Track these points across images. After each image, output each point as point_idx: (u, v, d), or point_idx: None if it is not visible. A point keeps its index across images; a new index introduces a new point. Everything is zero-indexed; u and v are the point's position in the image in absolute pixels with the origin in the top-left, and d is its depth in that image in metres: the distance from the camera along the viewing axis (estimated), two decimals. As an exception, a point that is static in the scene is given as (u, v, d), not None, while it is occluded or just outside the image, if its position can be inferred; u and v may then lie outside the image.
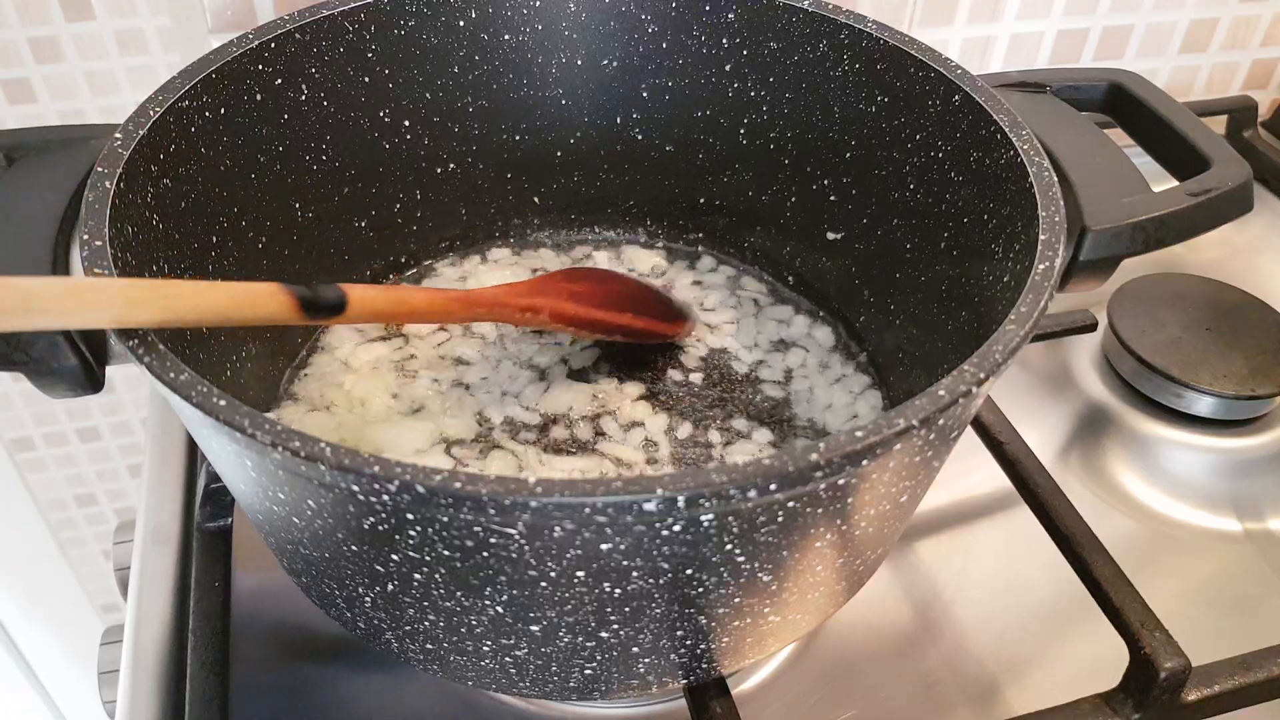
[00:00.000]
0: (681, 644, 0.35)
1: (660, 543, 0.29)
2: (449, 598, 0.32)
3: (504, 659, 0.35)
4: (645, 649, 0.34)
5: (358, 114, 0.50)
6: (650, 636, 0.34)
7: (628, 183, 0.57)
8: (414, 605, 0.33)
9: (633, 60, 0.53)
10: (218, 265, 0.44)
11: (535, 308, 0.46)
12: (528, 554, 0.29)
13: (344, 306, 0.37)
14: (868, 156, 0.49)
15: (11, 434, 0.81)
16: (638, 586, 0.31)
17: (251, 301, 0.34)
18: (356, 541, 0.31)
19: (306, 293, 0.35)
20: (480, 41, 0.52)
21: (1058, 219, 0.36)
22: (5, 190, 0.38)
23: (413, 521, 0.28)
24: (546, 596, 0.31)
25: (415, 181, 0.54)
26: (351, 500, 0.28)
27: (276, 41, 0.45)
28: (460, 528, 0.28)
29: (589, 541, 0.28)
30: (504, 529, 0.28)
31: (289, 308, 0.35)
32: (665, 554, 0.29)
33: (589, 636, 0.33)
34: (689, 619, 0.33)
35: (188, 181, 0.41)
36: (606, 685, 0.36)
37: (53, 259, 0.35)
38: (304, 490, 0.29)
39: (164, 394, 0.30)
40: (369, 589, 0.33)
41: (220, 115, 0.43)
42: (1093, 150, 0.42)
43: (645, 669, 0.36)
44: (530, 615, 0.32)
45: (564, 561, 0.29)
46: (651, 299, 0.52)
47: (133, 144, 0.37)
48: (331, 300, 0.36)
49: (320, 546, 0.33)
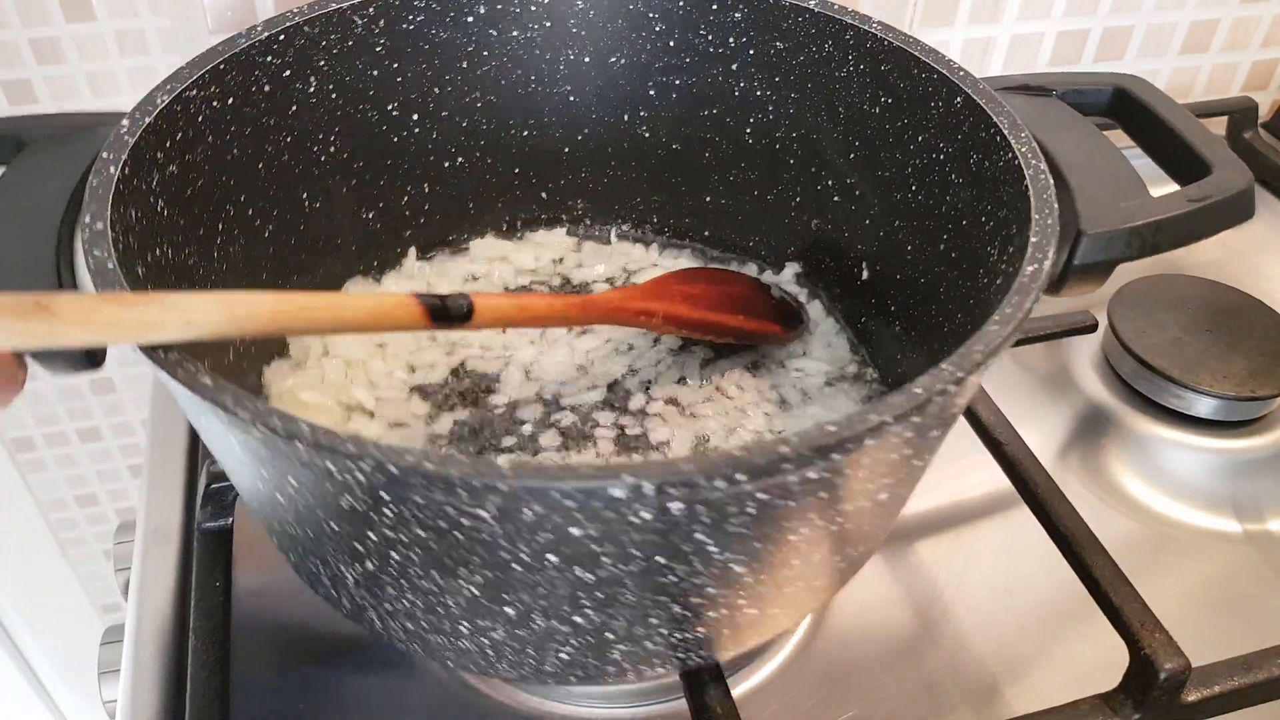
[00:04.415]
0: (656, 632, 0.35)
1: (630, 530, 0.29)
2: (426, 577, 0.32)
3: (481, 640, 0.35)
4: (620, 635, 0.34)
5: (366, 107, 0.50)
6: (624, 623, 0.34)
7: (634, 180, 0.58)
8: (393, 584, 0.34)
9: (640, 58, 0.54)
10: (223, 252, 0.44)
11: (650, 311, 0.47)
12: (500, 536, 0.29)
13: (471, 314, 0.38)
14: (871, 158, 0.49)
15: (12, 434, 0.82)
16: (609, 573, 0.31)
17: (386, 313, 0.36)
18: (336, 520, 0.31)
19: (436, 302, 0.37)
20: (489, 37, 0.52)
21: (1050, 222, 0.36)
22: (14, 176, 0.39)
23: (388, 501, 0.29)
24: (520, 579, 0.31)
25: (423, 175, 0.54)
26: (329, 479, 0.29)
27: (285, 34, 0.46)
28: (434, 508, 0.29)
29: (559, 526, 0.29)
30: (476, 511, 0.28)
31: (419, 316, 0.37)
32: (636, 541, 0.30)
33: (563, 621, 0.33)
34: (663, 607, 0.33)
35: (194, 169, 0.42)
36: (583, 670, 0.37)
37: (56, 243, 0.36)
38: (284, 467, 0.30)
39: (155, 373, 0.30)
40: (350, 567, 0.34)
41: (228, 105, 0.44)
42: (1094, 154, 0.42)
43: (621, 656, 0.36)
44: (504, 597, 0.32)
45: (535, 545, 0.29)
46: (764, 300, 0.52)
47: (139, 131, 0.38)
48: (459, 309, 0.38)
49: (304, 524, 0.33)
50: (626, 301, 0.46)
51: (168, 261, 0.39)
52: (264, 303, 0.32)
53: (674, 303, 0.47)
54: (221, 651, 0.46)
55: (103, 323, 0.28)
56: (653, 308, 0.46)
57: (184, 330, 0.30)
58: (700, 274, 0.51)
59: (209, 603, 0.48)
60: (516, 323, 0.41)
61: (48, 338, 0.27)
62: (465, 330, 0.39)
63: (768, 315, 0.51)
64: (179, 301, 0.30)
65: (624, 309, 0.45)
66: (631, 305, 0.46)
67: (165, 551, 0.51)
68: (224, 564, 0.49)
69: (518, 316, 0.41)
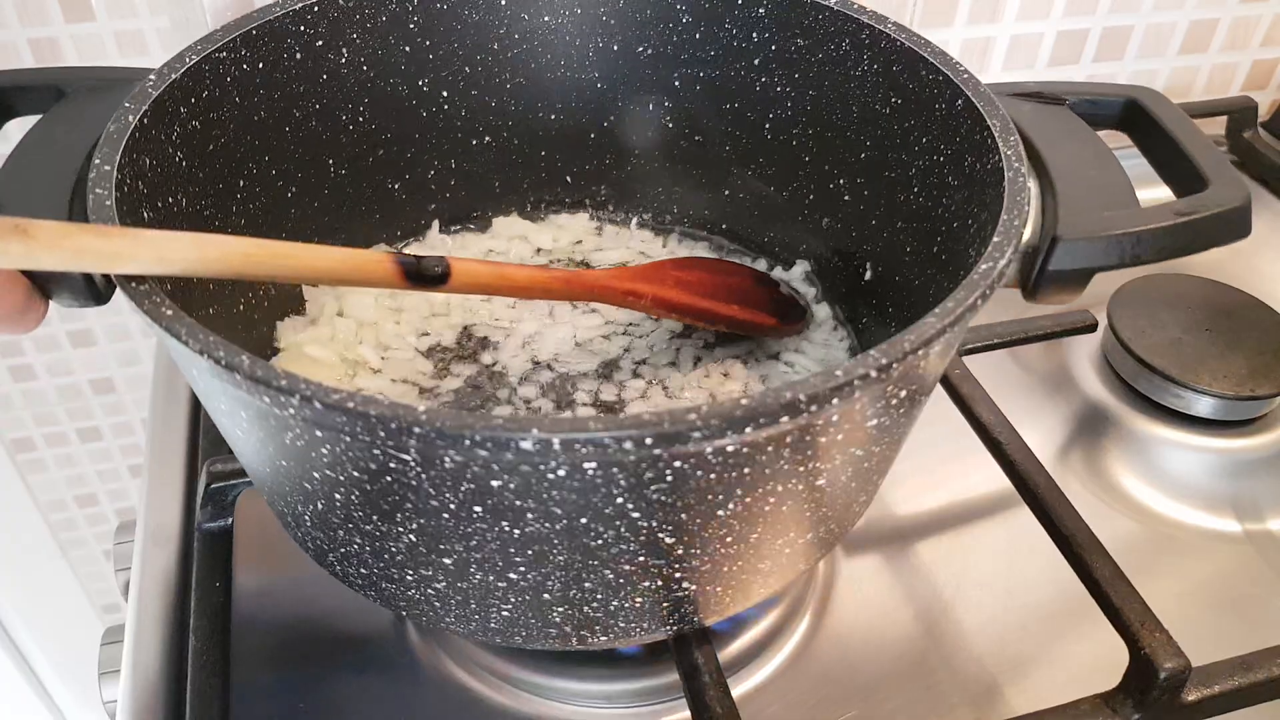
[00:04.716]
0: (592, 597, 0.36)
1: (548, 486, 0.30)
2: (367, 521, 0.34)
3: (426, 590, 0.37)
4: (556, 597, 0.36)
5: (397, 81, 0.53)
6: (559, 585, 0.35)
7: (656, 170, 0.59)
8: (341, 526, 0.35)
9: (667, 49, 0.55)
10: (242, 208, 0.47)
11: (638, 292, 0.47)
12: (425, 483, 0.31)
13: (447, 277, 0.40)
14: (880, 159, 0.49)
15: (12, 434, 0.83)
16: (535, 529, 0.32)
17: (358, 266, 0.38)
18: (283, 456, 0.33)
19: (412, 262, 0.38)
20: (520, 21, 0.54)
21: (1016, 223, 0.36)
22: (48, 122, 0.42)
23: (321, 440, 0.31)
24: (451, 529, 0.33)
25: (450, 151, 0.56)
26: (270, 414, 0.31)
27: (320, 5, 0.48)
28: (361, 449, 0.30)
29: (479, 476, 0.30)
30: (399, 455, 0.30)
31: (395, 275, 0.38)
32: (556, 499, 0.31)
33: (499, 576, 0.35)
34: (594, 571, 0.34)
35: (218, 126, 0.45)
36: (526, 631, 0.38)
37: (75, 184, 0.38)
38: (236, 401, 0.32)
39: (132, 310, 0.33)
40: (305, 507, 0.36)
41: (259, 69, 0.46)
42: (1090, 164, 0.41)
43: (560, 618, 0.37)
44: (440, 547, 0.34)
45: (460, 494, 0.31)
46: (764, 293, 0.53)
47: (164, 85, 0.41)
48: (435, 271, 0.39)
49: (261, 460, 0.35)
50: (614, 280, 0.46)
51: (180, 210, 0.42)
52: (237, 246, 0.34)
53: (664, 286, 0.48)
54: (221, 652, 0.47)
55: (76, 248, 0.30)
56: (641, 289, 0.47)
57: (156, 265, 0.32)
58: (700, 263, 0.52)
59: (209, 603, 0.48)
60: (493, 290, 0.42)
61: (23, 258, 0.29)
62: (442, 292, 0.40)
63: (765, 308, 0.51)
64: (153, 237, 0.32)
65: (611, 288, 0.46)
66: (619, 285, 0.46)
67: (165, 552, 0.52)
68: (224, 564, 0.50)
69: (495, 284, 0.42)
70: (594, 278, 0.46)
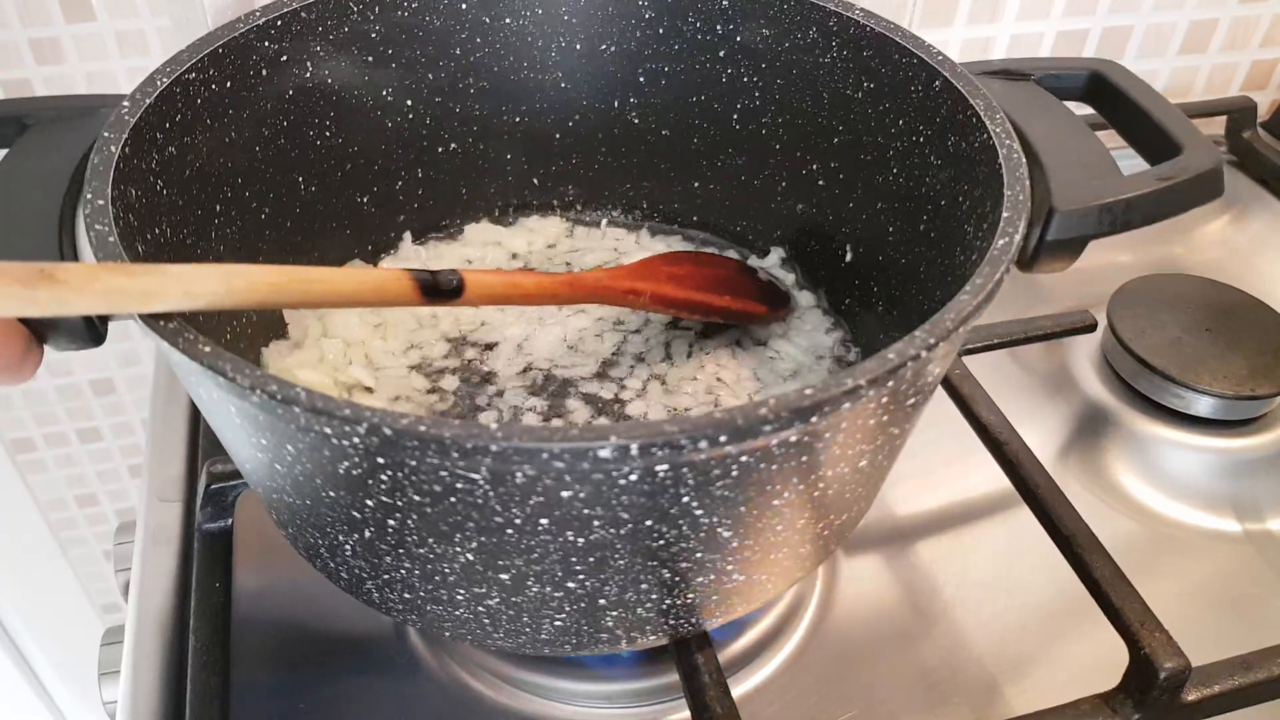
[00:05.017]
0: (647, 598, 0.36)
1: (619, 492, 0.30)
2: (422, 544, 0.33)
3: (477, 609, 0.36)
4: (612, 601, 0.36)
5: (361, 92, 0.51)
6: (616, 589, 0.35)
7: (624, 166, 0.59)
8: (390, 553, 0.35)
9: (630, 45, 0.55)
10: (221, 232, 0.45)
11: (637, 290, 0.48)
12: (493, 500, 0.30)
13: (462, 290, 0.40)
14: (854, 142, 0.50)
15: (12, 434, 0.82)
16: (600, 536, 0.32)
17: (380, 286, 0.38)
18: (333, 487, 0.32)
19: (428, 277, 0.39)
20: (482, 24, 0.53)
21: (1021, 198, 0.37)
22: (17, 156, 0.40)
23: (383, 466, 0.30)
24: (513, 544, 0.32)
25: (417, 160, 0.55)
26: (326, 444, 0.30)
27: (282, 20, 0.47)
28: (428, 472, 0.30)
29: (550, 488, 0.30)
30: (469, 474, 0.29)
31: (412, 292, 0.38)
32: (624, 504, 0.31)
33: (556, 586, 0.34)
34: (652, 572, 0.34)
35: (192, 150, 0.43)
36: (577, 638, 0.38)
37: (59, 221, 0.37)
38: (282, 434, 0.31)
39: (157, 344, 0.31)
40: (348, 536, 0.35)
41: (226, 89, 0.45)
42: (1067, 136, 0.43)
43: (614, 622, 0.37)
44: (499, 563, 0.33)
45: (528, 508, 0.31)
46: (749, 282, 0.53)
47: (139, 111, 0.39)
48: (451, 284, 0.39)
49: (301, 493, 0.34)
50: (614, 281, 0.47)
51: (166, 240, 0.40)
52: (263, 276, 0.33)
53: (660, 282, 0.48)
54: (221, 652, 0.46)
55: (105, 290, 0.29)
56: (640, 287, 0.47)
57: (184, 300, 0.31)
58: (686, 256, 0.52)
59: (209, 603, 0.48)
60: (506, 300, 0.42)
61: (53, 305, 0.28)
62: (456, 306, 0.40)
63: (753, 296, 0.52)
64: (180, 272, 0.31)
65: (612, 288, 0.47)
66: (619, 284, 0.47)
67: (165, 552, 0.52)
68: (224, 565, 0.50)
69: (508, 293, 0.42)
70: (595, 279, 0.46)
